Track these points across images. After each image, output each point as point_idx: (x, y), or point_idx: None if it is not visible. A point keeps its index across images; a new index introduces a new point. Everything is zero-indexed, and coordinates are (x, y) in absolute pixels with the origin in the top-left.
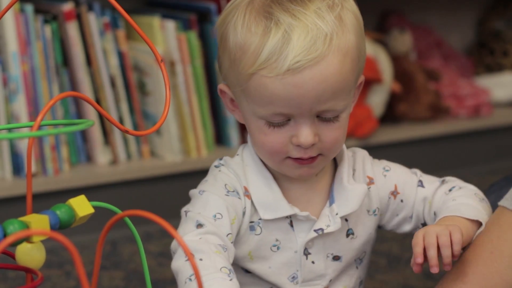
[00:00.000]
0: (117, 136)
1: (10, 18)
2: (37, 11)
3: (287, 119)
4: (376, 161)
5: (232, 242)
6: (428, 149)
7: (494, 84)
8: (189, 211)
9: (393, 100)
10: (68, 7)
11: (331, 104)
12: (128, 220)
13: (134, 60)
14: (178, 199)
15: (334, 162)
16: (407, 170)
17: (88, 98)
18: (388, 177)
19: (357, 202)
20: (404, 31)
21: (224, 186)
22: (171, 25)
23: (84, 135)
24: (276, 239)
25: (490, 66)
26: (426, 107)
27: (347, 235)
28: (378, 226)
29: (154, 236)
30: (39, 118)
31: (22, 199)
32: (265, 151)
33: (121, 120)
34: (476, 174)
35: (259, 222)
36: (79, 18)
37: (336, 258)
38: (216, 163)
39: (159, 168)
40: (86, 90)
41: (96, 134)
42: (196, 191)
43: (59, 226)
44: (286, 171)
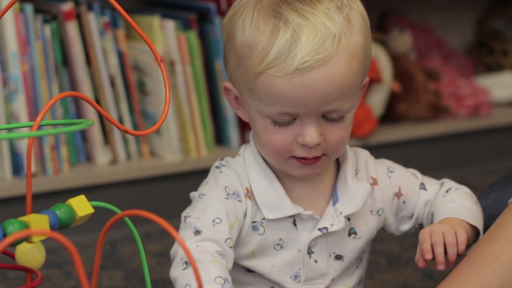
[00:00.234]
0: (116, 136)
1: (9, 18)
2: (36, 11)
3: (293, 119)
4: (378, 161)
5: (231, 247)
6: (428, 149)
7: (494, 84)
8: (188, 216)
9: (393, 100)
10: (67, 7)
11: (337, 104)
12: (127, 220)
13: (134, 60)
14: (178, 199)
15: (337, 161)
16: (408, 171)
17: (88, 98)
18: (393, 178)
19: (361, 201)
20: (404, 31)
21: (224, 188)
22: (170, 24)
23: (83, 135)
24: (280, 239)
25: (489, 66)
26: (426, 106)
27: (349, 234)
28: (381, 228)
29: (154, 236)
30: (39, 118)
31: (21, 199)
32: (269, 150)
33: (120, 120)
34: (476, 174)
35: (262, 222)
36: (78, 18)
37: (338, 257)
38: (217, 163)
39: (158, 168)
40: (86, 90)
41: (95, 134)
42: (196, 194)
43: (59, 226)
44: (289, 171)
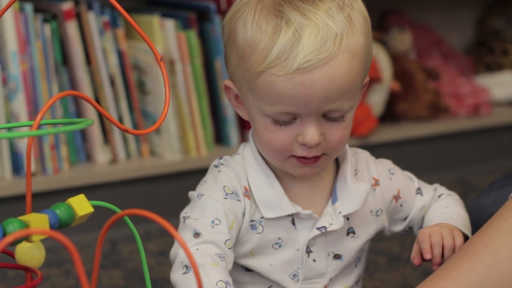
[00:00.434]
0: (116, 135)
1: (9, 17)
2: (36, 10)
3: (293, 118)
4: (379, 162)
5: (231, 248)
6: (427, 148)
7: (494, 83)
8: (187, 217)
9: (392, 99)
10: (67, 6)
11: (338, 104)
12: (127, 219)
13: (134, 59)
14: (178, 198)
15: (336, 161)
16: (405, 175)
17: (88, 97)
18: (393, 180)
19: (360, 200)
20: (404, 30)
21: (223, 188)
22: (170, 24)
23: (83, 134)
24: (278, 237)
25: (489, 65)
26: (426, 106)
27: (347, 233)
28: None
29: (153, 235)
30: (39, 117)
31: (21, 198)
32: (269, 149)
33: (120, 119)
34: (476, 173)
35: (261, 220)
36: (78, 17)
37: (337, 256)
38: (216, 162)
39: (158, 167)
40: (86, 89)
41: (95, 133)
42: (195, 194)
43: (59, 225)
44: (289, 170)
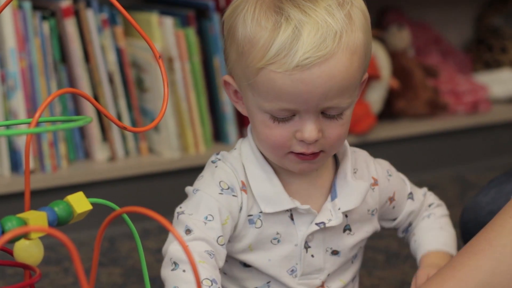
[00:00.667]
0: (115, 132)
1: (8, 15)
2: (35, 8)
3: (292, 114)
4: (378, 162)
5: (224, 244)
6: (426, 145)
7: (493, 80)
8: (181, 212)
9: (391, 97)
10: (66, 3)
11: (337, 101)
12: (126, 216)
13: (132, 56)
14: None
15: (335, 158)
16: (400, 177)
17: (86, 95)
18: (391, 182)
19: (359, 198)
20: (402, 28)
21: (219, 183)
22: (169, 21)
23: (82, 132)
24: (277, 232)
25: (488, 62)
26: (424, 103)
27: (344, 230)
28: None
29: (152, 232)
30: (37, 115)
31: (20, 195)
32: (268, 145)
33: (119, 117)
34: (475, 171)
35: (260, 215)
36: (77, 14)
37: (334, 252)
38: (213, 158)
39: (157, 165)
40: (84, 87)
41: (94, 130)
42: (191, 189)
43: (57, 223)
44: (287, 166)
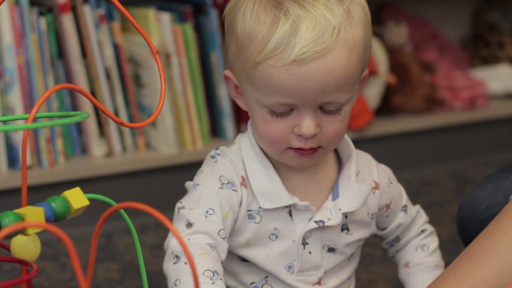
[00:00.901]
0: (112, 128)
1: (5, 10)
2: (32, 3)
3: (290, 109)
4: (380, 167)
5: (225, 237)
6: (423, 141)
7: (490, 76)
8: (182, 207)
9: (388, 92)
10: None
11: (334, 96)
12: (123, 212)
13: (129, 52)
14: (173, 191)
15: (338, 157)
16: (399, 187)
17: (83, 90)
18: (391, 189)
19: (361, 201)
20: (400, 23)
21: (219, 178)
22: (166, 17)
23: (79, 127)
24: (275, 228)
25: (485, 58)
26: (422, 99)
27: (342, 229)
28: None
29: (149, 228)
30: (34, 110)
31: (17, 191)
32: (267, 140)
33: (116, 112)
34: (472, 166)
35: (259, 210)
36: (74, 10)
37: (331, 250)
38: (212, 153)
39: (154, 160)
40: (81, 82)
41: (91, 126)
42: (191, 184)
43: (54, 219)
44: (286, 161)
